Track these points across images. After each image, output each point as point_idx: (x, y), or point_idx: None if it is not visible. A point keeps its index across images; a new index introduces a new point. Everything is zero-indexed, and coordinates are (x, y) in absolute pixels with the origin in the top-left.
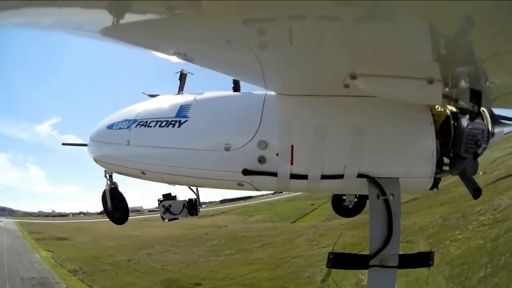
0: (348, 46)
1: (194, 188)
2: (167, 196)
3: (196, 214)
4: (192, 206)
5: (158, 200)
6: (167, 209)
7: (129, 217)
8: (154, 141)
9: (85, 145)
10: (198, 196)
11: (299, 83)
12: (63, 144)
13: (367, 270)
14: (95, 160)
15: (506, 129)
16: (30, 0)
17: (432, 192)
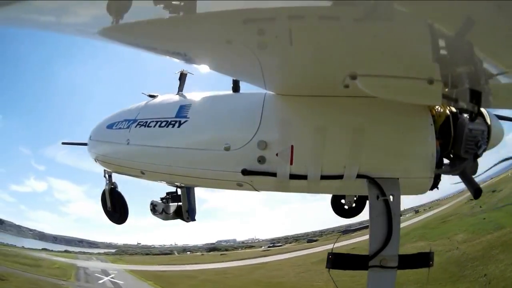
0: (348, 46)
1: (188, 193)
2: (168, 195)
3: (187, 220)
4: (178, 213)
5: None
6: (153, 208)
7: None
8: (154, 141)
9: (85, 144)
10: (189, 202)
11: (299, 83)
12: (63, 143)
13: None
14: (95, 160)
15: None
16: (31, 0)
17: None
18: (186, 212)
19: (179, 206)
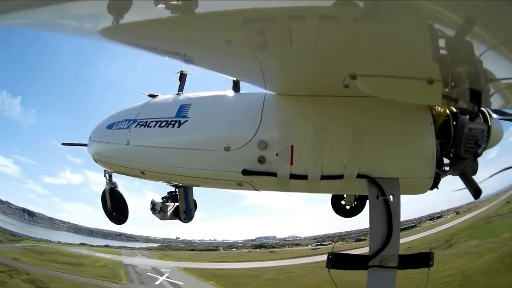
0: (348, 46)
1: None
2: (168, 195)
3: (184, 221)
4: (176, 213)
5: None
6: (153, 207)
7: None
8: (154, 141)
9: (85, 145)
10: (187, 202)
11: (299, 83)
12: (63, 144)
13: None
14: (95, 160)
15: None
16: (32, 0)
17: None
18: (184, 213)
19: (177, 206)
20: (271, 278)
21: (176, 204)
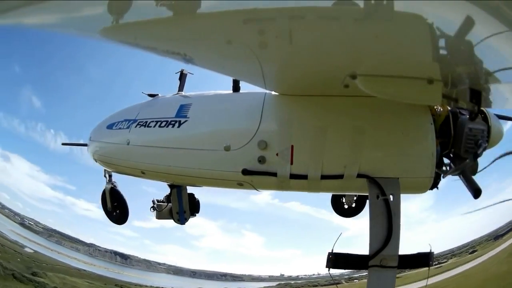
0: (348, 46)
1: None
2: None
3: (177, 222)
4: (169, 213)
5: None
6: (152, 206)
7: None
8: (154, 141)
9: (85, 145)
10: (180, 204)
11: (299, 83)
12: (63, 144)
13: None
14: (95, 160)
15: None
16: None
17: None
18: (177, 214)
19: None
20: None
21: (162, 203)
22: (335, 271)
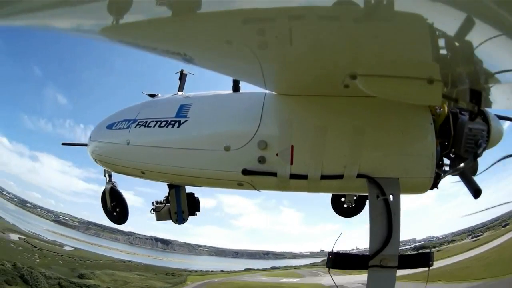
0: (348, 46)
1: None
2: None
3: (176, 222)
4: (168, 213)
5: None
6: (152, 208)
7: None
8: (154, 141)
9: (85, 145)
10: (178, 204)
11: (299, 83)
12: (63, 144)
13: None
14: (95, 160)
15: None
16: (33, 0)
17: None
18: (175, 214)
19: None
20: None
21: (161, 205)
22: None
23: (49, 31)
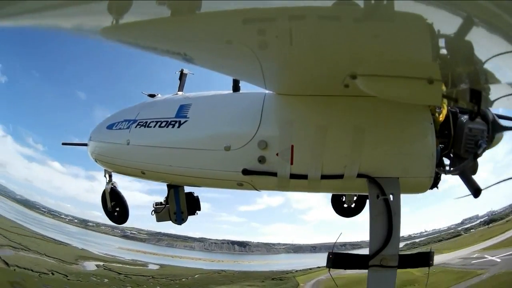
0: (348, 46)
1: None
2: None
3: (175, 222)
4: (167, 214)
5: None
6: (153, 209)
7: None
8: (154, 141)
9: (85, 145)
10: (177, 204)
11: (299, 83)
12: (63, 143)
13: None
14: (95, 160)
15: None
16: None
17: None
18: (174, 214)
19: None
20: None
21: (161, 206)
22: None
23: (49, 31)
